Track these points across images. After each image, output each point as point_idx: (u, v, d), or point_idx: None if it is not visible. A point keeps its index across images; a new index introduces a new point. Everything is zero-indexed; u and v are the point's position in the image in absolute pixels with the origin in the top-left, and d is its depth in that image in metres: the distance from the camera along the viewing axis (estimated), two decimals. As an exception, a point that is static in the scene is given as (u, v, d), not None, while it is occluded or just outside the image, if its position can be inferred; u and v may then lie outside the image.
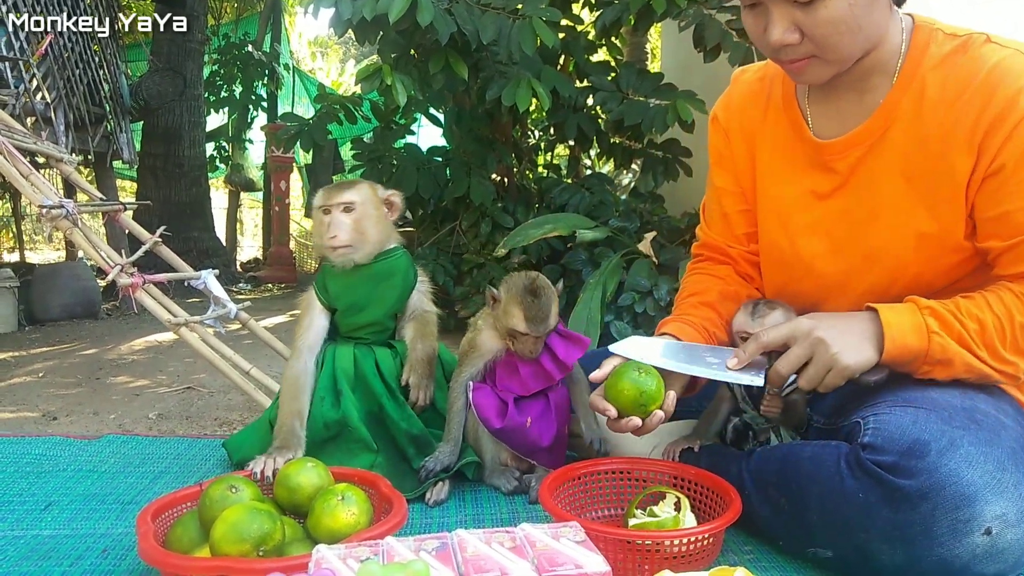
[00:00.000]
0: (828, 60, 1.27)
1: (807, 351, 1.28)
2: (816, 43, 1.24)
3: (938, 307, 1.27)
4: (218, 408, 2.84)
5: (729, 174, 1.62)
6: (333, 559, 0.97)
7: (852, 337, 1.27)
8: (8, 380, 3.44)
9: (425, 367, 1.76)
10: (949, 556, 1.11)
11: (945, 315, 1.26)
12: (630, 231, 3.72)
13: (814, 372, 1.28)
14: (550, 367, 1.63)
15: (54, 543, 1.41)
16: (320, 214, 1.74)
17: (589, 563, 0.95)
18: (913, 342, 1.26)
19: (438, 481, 1.62)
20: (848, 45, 1.25)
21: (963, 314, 1.26)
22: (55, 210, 2.47)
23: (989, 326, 1.26)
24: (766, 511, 1.34)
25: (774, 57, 1.32)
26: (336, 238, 1.70)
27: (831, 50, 1.25)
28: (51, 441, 2.03)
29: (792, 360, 1.29)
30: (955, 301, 1.29)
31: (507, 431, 1.65)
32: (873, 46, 1.30)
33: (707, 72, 3.47)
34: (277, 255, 8.82)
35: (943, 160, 1.29)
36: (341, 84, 13.80)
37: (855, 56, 1.29)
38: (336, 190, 1.75)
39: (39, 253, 12.37)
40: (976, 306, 1.27)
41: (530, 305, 1.55)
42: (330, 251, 1.73)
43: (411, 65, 3.50)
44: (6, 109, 3.79)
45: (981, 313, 1.26)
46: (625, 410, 1.33)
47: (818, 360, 1.27)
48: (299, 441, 1.64)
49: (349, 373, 1.75)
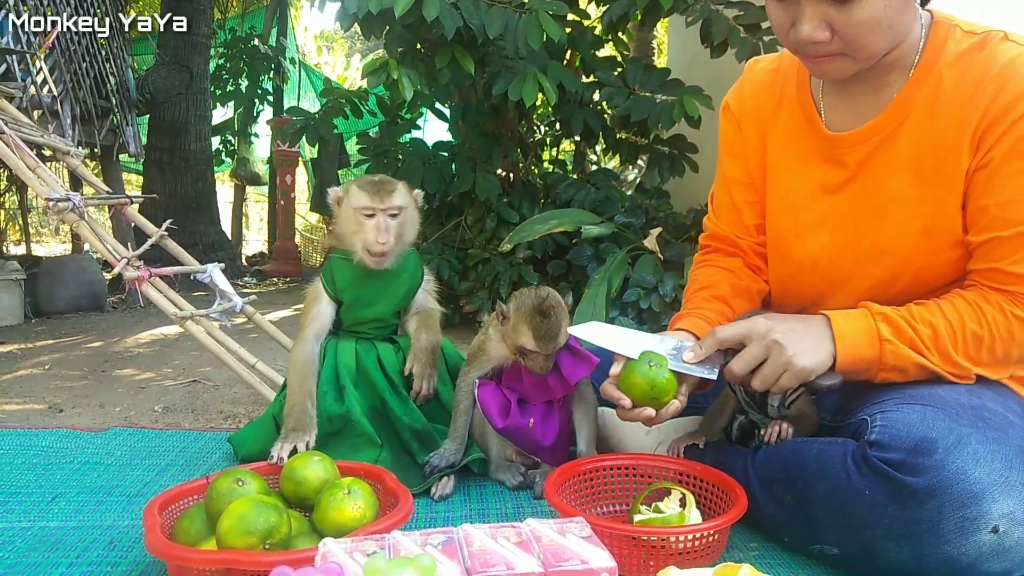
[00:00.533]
0: (856, 58, 1.26)
1: (762, 352, 1.29)
2: (846, 41, 1.23)
3: (891, 313, 1.29)
4: (224, 401, 2.85)
5: (740, 164, 1.62)
6: (339, 553, 0.97)
7: (808, 340, 1.28)
8: (15, 372, 3.45)
9: (428, 357, 1.75)
10: (956, 554, 1.11)
11: (898, 321, 1.28)
12: (636, 227, 3.72)
13: (769, 372, 1.29)
14: (554, 383, 1.61)
15: (61, 534, 1.42)
16: (361, 215, 1.69)
17: (595, 558, 0.95)
18: (866, 351, 1.28)
19: (443, 476, 1.62)
20: (877, 44, 1.24)
21: (916, 320, 1.28)
22: (62, 203, 2.48)
23: (942, 331, 1.27)
24: (772, 508, 1.34)
25: (798, 52, 1.31)
26: (387, 244, 1.67)
27: (860, 49, 1.24)
28: (57, 433, 2.03)
29: (747, 359, 1.30)
30: (908, 308, 1.31)
31: (510, 430, 1.65)
32: (898, 44, 1.30)
33: (714, 68, 3.46)
34: (282, 249, 8.83)
35: (952, 156, 1.29)
36: (347, 79, 13.79)
37: (881, 54, 1.28)
38: (382, 193, 1.70)
39: (45, 246, 12.41)
40: (929, 312, 1.29)
41: (539, 325, 1.52)
42: (371, 255, 1.69)
43: (417, 59, 3.50)
44: (13, 102, 3.79)
45: (934, 319, 1.28)
46: (638, 402, 1.34)
47: (773, 361, 1.28)
48: (312, 422, 1.63)
49: (351, 368, 1.75)
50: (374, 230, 1.68)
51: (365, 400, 1.72)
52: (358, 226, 1.70)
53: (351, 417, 1.68)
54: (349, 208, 1.72)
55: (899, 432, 1.17)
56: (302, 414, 1.63)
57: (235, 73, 9.68)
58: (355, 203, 1.70)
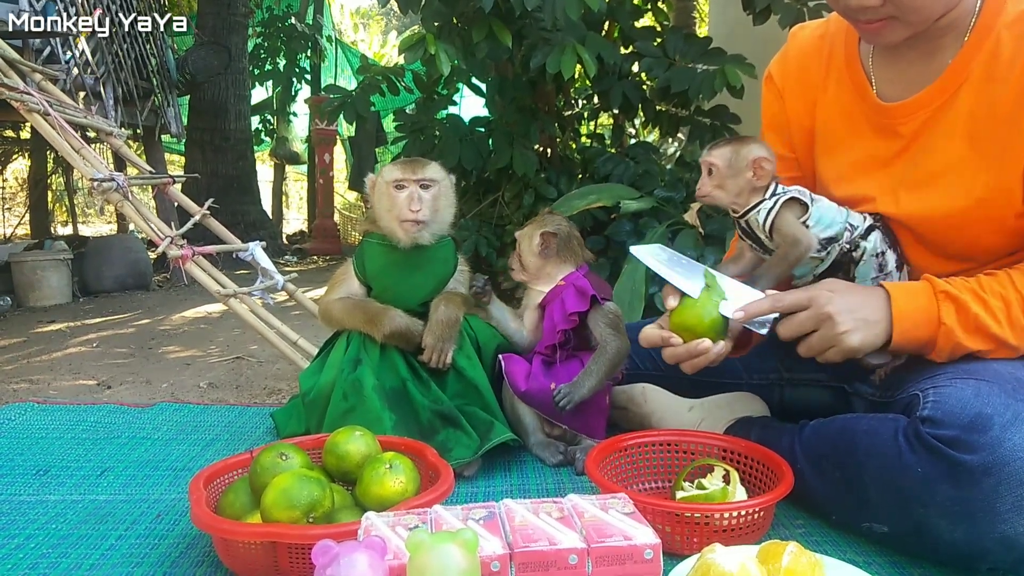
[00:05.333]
0: (909, 21, 1.21)
1: (814, 323, 1.25)
2: (898, 5, 1.18)
3: (956, 290, 1.24)
4: (267, 377, 2.89)
5: (782, 139, 1.57)
6: (382, 526, 0.97)
7: (863, 316, 1.24)
8: (64, 350, 3.53)
9: (443, 329, 1.69)
10: (1013, 533, 1.07)
11: (963, 298, 1.23)
12: (676, 201, 3.66)
13: (817, 343, 1.26)
14: (558, 318, 1.63)
15: (110, 507, 1.45)
16: (392, 188, 1.68)
17: (638, 535, 0.94)
18: (923, 333, 1.24)
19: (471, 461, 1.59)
20: (931, 7, 1.20)
21: (986, 291, 1.23)
22: (106, 183, 2.51)
23: (1014, 304, 1.23)
24: (819, 485, 1.31)
25: (850, 17, 1.26)
26: (421, 211, 1.66)
27: (913, 12, 1.19)
28: (105, 409, 2.08)
29: (795, 326, 1.27)
30: (978, 279, 1.26)
31: (531, 393, 1.64)
32: (953, 6, 1.24)
33: (757, 36, 3.38)
34: (322, 227, 8.91)
35: (1011, 122, 1.24)
36: (383, 56, 13.79)
37: (935, 17, 1.23)
38: (414, 165, 1.70)
39: (92, 226, 12.69)
40: (999, 283, 1.24)
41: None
42: (405, 225, 1.67)
43: (454, 34, 3.46)
44: (57, 84, 3.85)
45: (1005, 291, 1.23)
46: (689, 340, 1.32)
47: (824, 334, 1.24)
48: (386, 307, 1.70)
49: (375, 353, 1.71)
50: (407, 200, 1.67)
51: (386, 382, 1.68)
52: (391, 202, 1.69)
53: (361, 390, 1.63)
54: (382, 184, 1.72)
55: (953, 408, 1.13)
56: (367, 309, 1.71)
57: (273, 52, 9.76)
58: (387, 177, 1.70)
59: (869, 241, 1.37)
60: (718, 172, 1.39)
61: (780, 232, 1.36)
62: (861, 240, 1.37)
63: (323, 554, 0.85)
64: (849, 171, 1.44)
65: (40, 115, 2.73)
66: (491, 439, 1.59)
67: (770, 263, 1.39)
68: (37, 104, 2.74)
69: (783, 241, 1.36)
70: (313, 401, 1.70)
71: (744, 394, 1.65)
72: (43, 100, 2.77)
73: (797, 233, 1.35)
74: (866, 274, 1.37)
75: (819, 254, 1.37)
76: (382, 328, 1.67)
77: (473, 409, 1.67)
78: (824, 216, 1.37)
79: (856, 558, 1.20)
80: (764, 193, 1.38)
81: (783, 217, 1.36)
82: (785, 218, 1.36)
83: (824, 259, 1.39)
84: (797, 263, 1.37)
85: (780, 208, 1.36)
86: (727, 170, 1.38)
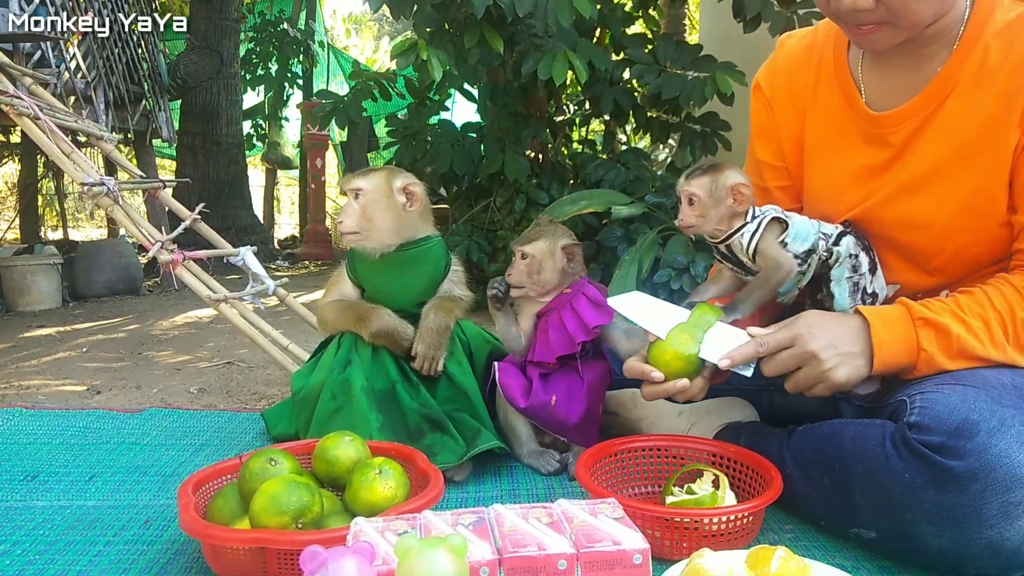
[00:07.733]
0: (900, 26, 1.22)
1: (798, 361, 1.27)
2: (891, 9, 1.18)
3: (933, 315, 1.24)
4: (257, 383, 2.87)
5: (772, 148, 1.58)
6: (371, 532, 0.97)
7: (846, 350, 1.25)
8: (53, 354, 3.51)
9: (434, 337, 1.70)
10: (999, 539, 1.07)
11: (941, 322, 1.24)
12: (667, 207, 3.67)
13: (803, 380, 1.27)
14: (573, 329, 1.61)
15: (98, 513, 1.44)
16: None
17: (627, 540, 0.94)
18: (903, 360, 1.26)
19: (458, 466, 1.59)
20: (923, 11, 1.20)
21: (966, 312, 1.24)
22: (96, 187, 2.50)
23: (993, 323, 1.24)
24: (808, 490, 1.32)
25: (842, 20, 1.26)
26: (343, 223, 1.71)
27: (905, 16, 1.20)
28: (95, 414, 2.07)
29: (779, 365, 1.28)
30: (955, 299, 1.27)
31: (532, 409, 1.64)
32: (944, 12, 1.25)
33: (747, 43, 3.40)
34: (313, 232, 8.88)
35: (997, 129, 1.25)
36: (375, 61, 13.79)
37: (927, 22, 1.24)
38: (350, 176, 1.75)
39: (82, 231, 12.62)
40: (977, 303, 1.25)
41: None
42: (342, 236, 1.74)
43: (446, 39, 3.47)
44: (47, 88, 3.84)
45: (983, 311, 1.24)
46: (669, 377, 1.33)
47: (809, 372, 1.26)
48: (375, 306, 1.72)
49: (366, 354, 1.71)
50: (343, 210, 1.73)
51: (375, 383, 1.68)
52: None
53: (350, 390, 1.64)
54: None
55: (939, 414, 1.14)
56: (366, 308, 1.73)
57: (265, 57, 9.73)
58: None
59: (842, 245, 1.39)
60: (700, 202, 1.40)
61: (763, 255, 1.37)
62: (834, 247, 1.39)
63: (311, 560, 0.85)
64: (840, 180, 1.45)
65: (30, 119, 2.72)
66: (477, 445, 1.59)
67: (752, 286, 1.40)
68: (27, 108, 2.72)
69: (766, 264, 1.37)
70: (303, 400, 1.71)
71: (733, 399, 1.65)
72: (33, 104, 2.76)
73: (779, 257, 1.37)
74: (840, 275, 1.39)
75: (801, 267, 1.39)
76: (369, 326, 1.68)
77: (462, 415, 1.67)
78: (800, 231, 1.38)
79: (845, 563, 1.20)
80: (745, 217, 1.39)
81: (766, 240, 1.37)
82: (768, 241, 1.37)
83: (806, 272, 1.40)
84: (779, 286, 1.39)
85: (763, 231, 1.37)
86: (708, 199, 1.39)
